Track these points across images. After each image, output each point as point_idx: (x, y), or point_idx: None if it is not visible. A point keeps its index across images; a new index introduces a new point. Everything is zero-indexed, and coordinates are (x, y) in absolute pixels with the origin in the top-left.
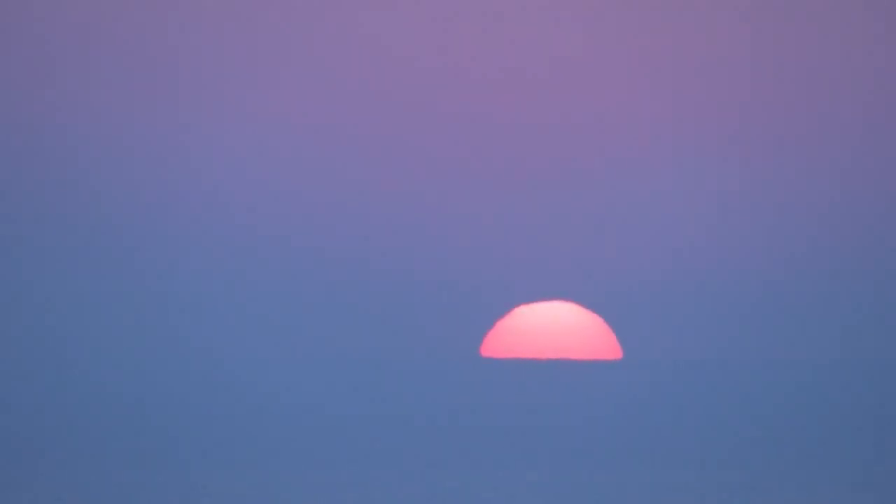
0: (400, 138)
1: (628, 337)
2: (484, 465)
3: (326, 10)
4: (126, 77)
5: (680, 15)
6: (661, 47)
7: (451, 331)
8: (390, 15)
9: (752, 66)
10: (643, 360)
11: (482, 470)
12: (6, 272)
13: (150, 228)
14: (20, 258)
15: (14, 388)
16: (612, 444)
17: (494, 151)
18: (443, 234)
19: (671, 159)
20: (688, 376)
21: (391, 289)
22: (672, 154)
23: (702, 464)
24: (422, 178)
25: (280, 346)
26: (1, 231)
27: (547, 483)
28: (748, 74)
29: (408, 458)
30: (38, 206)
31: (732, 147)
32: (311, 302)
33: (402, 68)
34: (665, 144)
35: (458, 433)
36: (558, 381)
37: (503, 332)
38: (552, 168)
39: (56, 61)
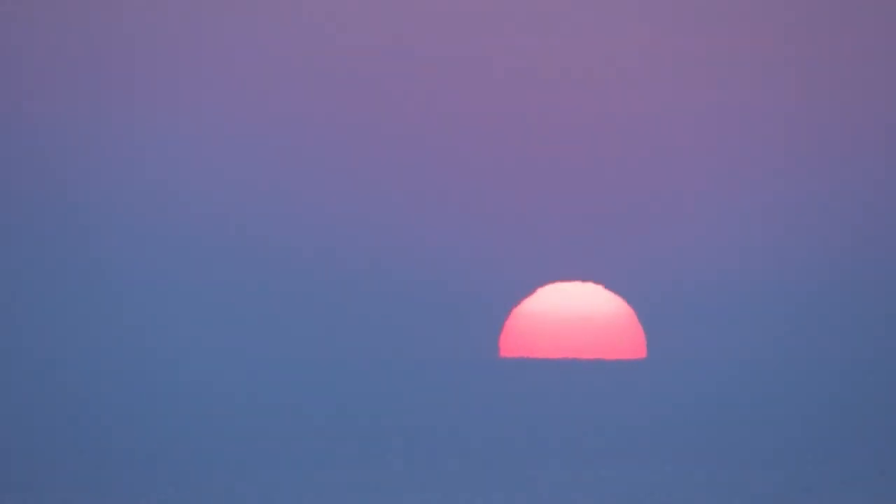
0: (408, 138)
1: (654, 335)
2: (504, 467)
3: (326, 9)
4: (115, 76)
5: (707, 17)
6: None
7: (469, 331)
8: (396, 13)
9: (795, 70)
10: (668, 360)
11: (501, 471)
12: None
13: (147, 229)
14: (14, 258)
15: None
16: (635, 445)
17: (509, 148)
18: (457, 231)
19: (711, 160)
20: (712, 376)
21: (406, 290)
22: (712, 155)
23: (723, 464)
24: (433, 176)
25: (295, 351)
26: None
27: (570, 484)
28: (791, 77)
29: (425, 461)
30: (22, 205)
31: (776, 149)
32: (325, 306)
33: (408, 59)
34: (705, 144)
35: (478, 435)
36: (580, 381)
37: (523, 327)
38: (584, 164)
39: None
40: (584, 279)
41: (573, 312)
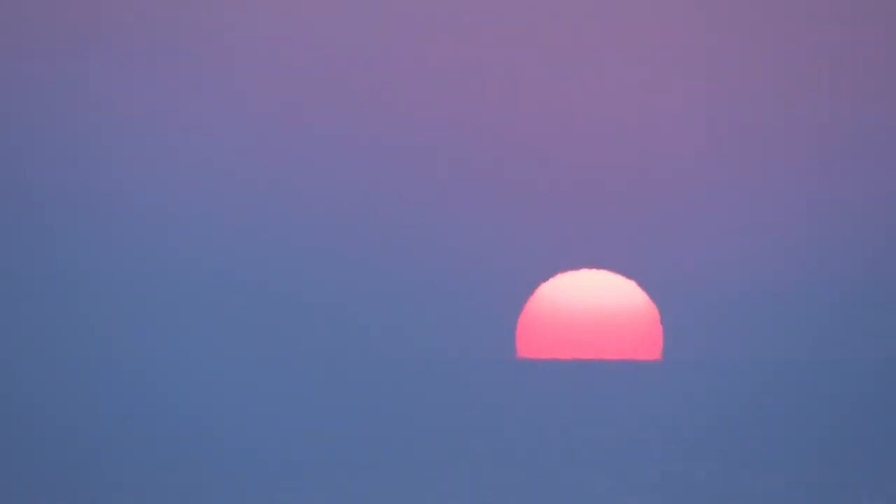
0: (414, 138)
1: (677, 334)
2: (522, 468)
3: (328, 9)
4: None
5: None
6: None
7: (485, 328)
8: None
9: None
10: (688, 361)
11: (519, 473)
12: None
13: (145, 227)
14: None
15: None
16: (657, 449)
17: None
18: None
19: (752, 160)
20: (735, 379)
21: (416, 289)
22: (754, 155)
23: (741, 467)
24: (436, 169)
25: (303, 353)
26: None
27: (587, 488)
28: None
29: (440, 465)
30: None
31: (818, 149)
32: (339, 307)
33: (416, 51)
34: (747, 144)
35: (495, 437)
36: (600, 383)
37: (541, 322)
38: (608, 156)
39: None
40: (603, 268)
41: (593, 306)
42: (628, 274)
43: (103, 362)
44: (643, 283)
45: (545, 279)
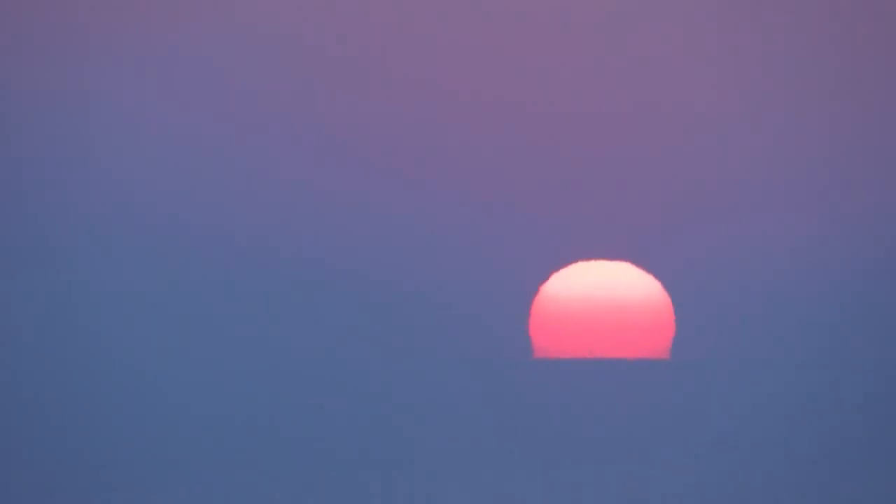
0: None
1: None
2: (531, 468)
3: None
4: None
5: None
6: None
7: (497, 326)
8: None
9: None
10: (706, 361)
11: (534, 473)
12: None
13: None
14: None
15: None
16: (665, 449)
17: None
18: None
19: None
20: (757, 381)
21: (427, 288)
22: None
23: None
24: (435, 163)
25: (307, 357)
26: None
27: (600, 486)
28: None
29: (460, 463)
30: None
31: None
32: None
33: (419, 44)
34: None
35: (510, 437)
36: (610, 382)
37: (555, 317)
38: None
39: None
40: (619, 259)
41: (603, 301)
42: (642, 266)
43: (103, 363)
44: (661, 278)
45: (553, 272)
